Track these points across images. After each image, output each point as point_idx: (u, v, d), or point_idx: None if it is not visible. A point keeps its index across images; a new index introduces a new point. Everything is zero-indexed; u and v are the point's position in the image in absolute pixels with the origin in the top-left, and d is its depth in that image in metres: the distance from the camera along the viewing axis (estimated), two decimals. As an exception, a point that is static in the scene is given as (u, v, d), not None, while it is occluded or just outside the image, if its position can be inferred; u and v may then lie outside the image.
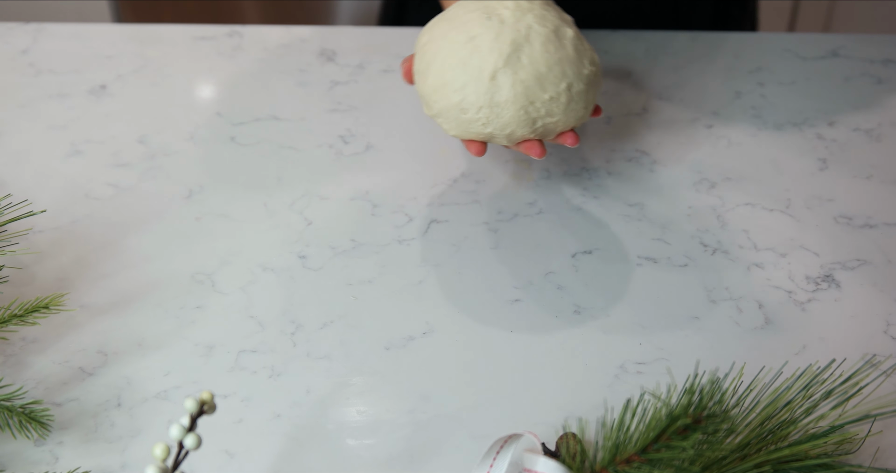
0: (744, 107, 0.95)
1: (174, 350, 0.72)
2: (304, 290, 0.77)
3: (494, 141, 0.75)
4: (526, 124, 0.73)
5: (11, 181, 0.86)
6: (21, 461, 0.65)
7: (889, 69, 1.00)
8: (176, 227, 0.82)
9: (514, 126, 0.73)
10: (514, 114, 0.72)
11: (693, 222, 0.83)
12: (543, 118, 0.73)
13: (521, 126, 0.73)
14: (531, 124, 0.73)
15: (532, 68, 0.72)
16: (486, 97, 0.72)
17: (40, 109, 0.95)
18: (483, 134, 0.74)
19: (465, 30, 0.73)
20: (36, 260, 0.78)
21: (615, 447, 0.58)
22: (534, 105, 0.72)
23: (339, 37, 1.03)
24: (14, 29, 1.05)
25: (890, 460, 0.64)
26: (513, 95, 0.72)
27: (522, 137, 0.74)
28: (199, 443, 0.54)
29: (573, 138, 0.75)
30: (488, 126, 0.73)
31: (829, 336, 0.73)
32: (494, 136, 0.74)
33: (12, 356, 0.71)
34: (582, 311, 0.76)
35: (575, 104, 0.74)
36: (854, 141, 0.91)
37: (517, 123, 0.73)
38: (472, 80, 0.72)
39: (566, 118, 0.74)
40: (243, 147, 0.91)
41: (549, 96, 0.72)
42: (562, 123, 0.74)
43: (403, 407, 0.69)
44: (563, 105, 0.73)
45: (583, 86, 0.74)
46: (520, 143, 0.75)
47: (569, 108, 0.73)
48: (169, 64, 1.01)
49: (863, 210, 0.84)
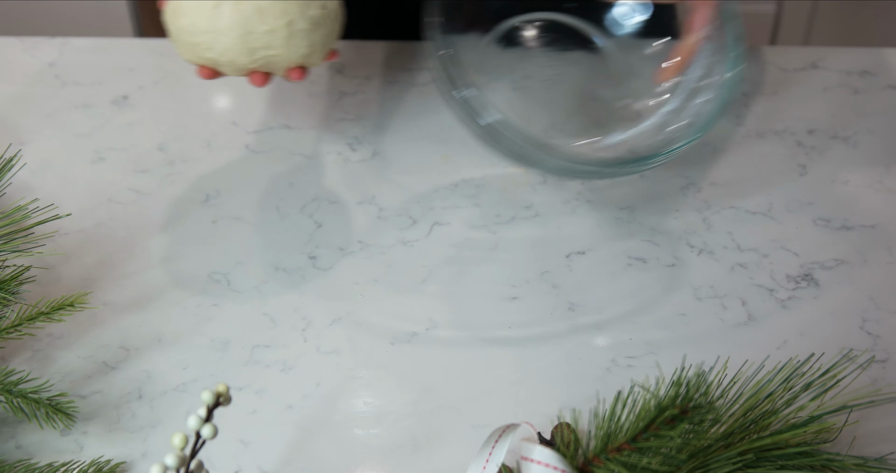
0: (728, 116, 0.95)
1: (192, 345, 0.72)
2: (314, 289, 0.77)
3: (221, 69, 0.76)
4: (245, 53, 0.74)
5: (39, 187, 0.86)
6: (48, 449, 0.65)
7: (865, 80, 1.00)
8: (193, 229, 0.82)
9: (235, 54, 0.74)
10: (233, 41, 0.73)
11: (680, 225, 0.83)
12: (263, 50, 0.74)
13: (241, 54, 0.74)
14: (250, 54, 0.74)
15: (253, 1, 0.73)
16: (209, 23, 0.73)
17: (66, 118, 0.95)
18: (209, 59, 0.75)
19: None
20: (62, 261, 0.79)
21: (607, 436, 0.58)
22: (252, 35, 0.73)
23: (347, 51, 1.03)
24: (41, 43, 1.05)
25: (866, 448, 0.64)
26: (231, 22, 0.73)
27: (245, 67, 0.75)
28: (216, 433, 0.54)
29: (298, 73, 0.76)
30: (211, 51, 0.74)
31: (809, 332, 0.73)
32: (218, 62, 0.75)
33: (39, 351, 0.71)
34: (575, 308, 0.76)
35: (296, 41, 0.74)
36: (832, 148, 0.91)
37: (237, 51, 0.74)
38: (198, 6, 0.73)
39: (288, 53, 0.75)
40: (257, 154, 0.91)
41: (267, 29, 0.73)
42: (284, 57, 0.75)
43: (407, 399, 0.69)
44: (283, 39, 0.74)
45: (305, 25, 0.74)
46: (248, 74, 0.76)
47: (289, 43, 0.74)
48: (187, 76, 1.01)
49: (840, 213, 0.84)
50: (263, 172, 0.89)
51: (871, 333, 0.73)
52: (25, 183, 0.86)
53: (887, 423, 0.66)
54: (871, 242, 0.81)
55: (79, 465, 0.62)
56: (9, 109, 0.96)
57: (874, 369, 0.70)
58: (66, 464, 0.62)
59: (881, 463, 0.60)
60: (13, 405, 0.63)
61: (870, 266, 0.79)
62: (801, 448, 0.60)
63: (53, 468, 0.62)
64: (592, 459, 0.58)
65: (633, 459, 0.57)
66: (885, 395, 0.67)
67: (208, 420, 0.54)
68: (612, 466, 0.57)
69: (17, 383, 0.63)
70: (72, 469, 0.62)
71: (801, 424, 0.60)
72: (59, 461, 0.63)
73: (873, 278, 0.78)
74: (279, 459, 0.64)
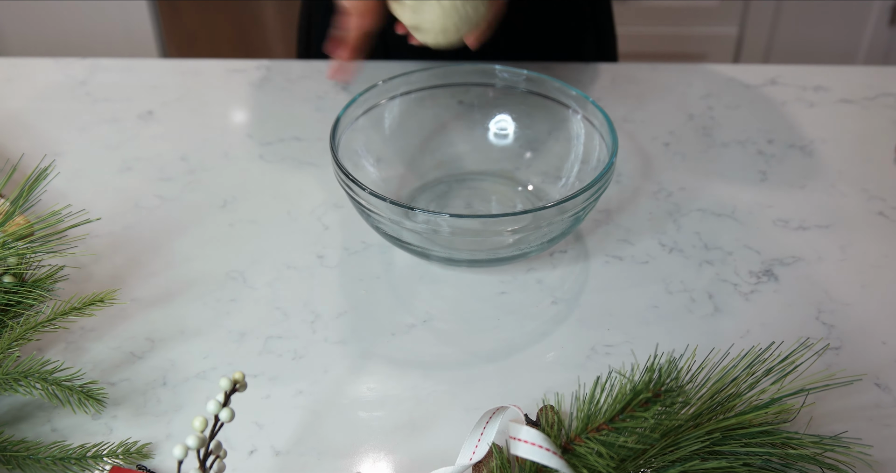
0: (696, 127, 0.95)
1: (211, 337, 0.72)
2: (322, 285, 0.77)
3: None
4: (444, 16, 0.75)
5: (72, 194, 0.86)
6: (80, 432, 0.64)
7: (819, 95, 1.00)
8: (212, 232, 0.82)
9: None
10: None
11: (653, 226, 0.83)
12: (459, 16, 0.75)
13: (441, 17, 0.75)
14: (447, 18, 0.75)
15: None
16: None
17: (96, 131, 0.94)
18: None
19: None
20: (93, 261, 0.78)
21: (587, 417, 0.58)
22: None
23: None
24: (73, 63, 1.05)
25: (822, 427, 0.64)
26: None
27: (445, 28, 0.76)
28: (233, 416, 0.54)
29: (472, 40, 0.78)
30: None
31: (769, 322, 0.73)
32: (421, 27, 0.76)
33: (73, 343, 0.71)
34: (559, 302, 0.76)
35: None
36: (789, 156, 0.91)
37: None
38: None
39: None
40: (270, 163, 0.90)
41: None
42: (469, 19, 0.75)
43: (406, 384, 0.68)
44: None
45: None
46: None
47: None
48: (206, 93, 1.01)
49: (797, 215, 0.84)
50: (275, 180, 0.88)
51: (826, 323, 0.73)
52: (60, 190, 0.86)
53: (841, 404, 0.66)
54: (825, 241, 0.81)
55: (109, 446, 0.62)
56: (44, 124, 0.95)
57: (829, 355, 0.70)
58: (97, 445, 0.62)
59: (836, 441, 0.60)
60: (48, 391, 0.63)
61: (824, 263, 0.79)
62: (762, 427, 0.60)
63: (85, 449, 0.61)
64: (574, 438, 0.58)
65: (610, 438, 0.56)
66: (838, 379, 0.67)
67: (226, 405, 0.54)
68: (592, 444, 0.56)
69: (52, 371, 0.63)
70: (102, 449, 0.61)
71: (762, 406, 0.60)
72: (90, 442, 0.62)
73: (827, 273, 0.78)
74: (291, 439, 0.64)
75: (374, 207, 0.72)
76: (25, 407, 0.66)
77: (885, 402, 0.67)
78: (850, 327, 0.73)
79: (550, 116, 0.85)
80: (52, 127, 0.95)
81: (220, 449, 0.54)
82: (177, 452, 0.52)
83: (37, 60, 1.05)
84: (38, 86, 1.01)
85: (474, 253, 0.74)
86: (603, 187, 0.73)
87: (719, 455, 0.58)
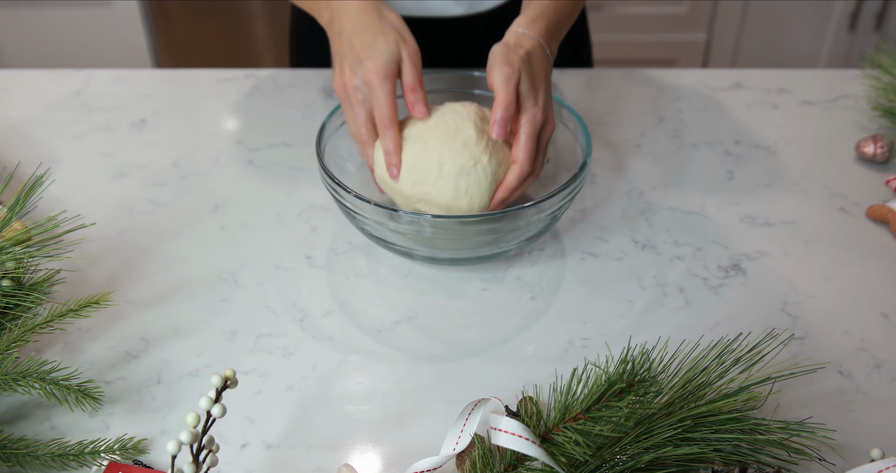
0: (666, 129, 0.96)
1: (204, 336, 0.71)
2: (310, 284, 0.77)
3: (395, 197, 0.75)
4: (408, 185, 0.73)
5: (67, 200, 0.85)
6: (78, 429, 0.64)
7: (783, 97, 1.00)
8: (204, 235, 0.82)
9: (402, 184, 0.73)
10: (403, 173, 0.73)
11: (626, 224, 0.83)
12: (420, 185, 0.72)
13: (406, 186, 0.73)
14: (412, 187, 0.72)
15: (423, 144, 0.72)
16: None
17: (91, 140, 0.94)
18: (388, 186, 0.75)
19: None
20: (88, 264, 0.78)
21: (564, 407, 0.58)
22: (414, 170, 0.72)
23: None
24: (70, 74, 1.04)
25: (787, 413, 0.65)
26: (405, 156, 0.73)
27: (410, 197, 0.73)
28: (225, 412, 0.53)
29: None
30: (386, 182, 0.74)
31: (737, 314, 0.74)
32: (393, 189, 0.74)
33: (70, 344, 0.71)
34: (537, 297, 0.76)
35: (443, 182, 0.72)
36: (755, 156, 0.92)
37: (403, 181, 0.73)
38: None
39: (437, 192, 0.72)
40: (259, 168, 0.90)
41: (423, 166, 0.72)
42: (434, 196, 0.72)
43: (392, 378, 0.68)
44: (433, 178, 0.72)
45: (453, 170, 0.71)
46: None
47: (437, 183, 0.72)
48: (198, 101, 1.00)
49: (763, 211, 0.84)
50: (265, 184, 0.88)
51: (791, 314, 0.73)
52: (56, 197, 0.85)
53: (806, 392, 0.66)
54: (789, 236, 0.82)
55: (106, 442, 0.61)
56: (40, 132, 0.95)
57: (794, 345, 0.70)
58: (94, 442, 0.61)
59: (801, 427, 0.61)
60: (47, 391, 0.62)
61: (789, 257, 0.79)
62: (732, 414, 0.60)
63: (83, 445, 0.61)
64: (552, 428, 0.58)
65: (587, 427, 0.57)
66: (803, 368, 0.67)
67: (218, 401, 0.53)
68: (569, 433, 0.56)
69: (50, 371, 0.62)
70: (99, 446, 0.61)
71: (731, 394, 0.60)
72: (87, 439, 0.62)
73: (792, 267, 0.78)
74: (281, 433, 0.64)
75: (359, 209, 0.72)
76: (24, 406, 0.65)
77: (848, 389, 0.67)
78: (814, 318, 0.73)
79: None
80: (48, 136, 0.94)
81: (212, 444, 0.54)
82: (170, 447, 0.52)
83: (34, 72, 1.05)
84: (34, 96, 1.00)
85: (456, 252, 0.74)
86: (578, 187, 0.73)
87: (691, 441, 0.58)
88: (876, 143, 0.89)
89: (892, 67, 0.94)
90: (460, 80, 0.85)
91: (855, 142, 0.93)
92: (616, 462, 0.58)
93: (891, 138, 0.92)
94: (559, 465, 0.56)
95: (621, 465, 0.57)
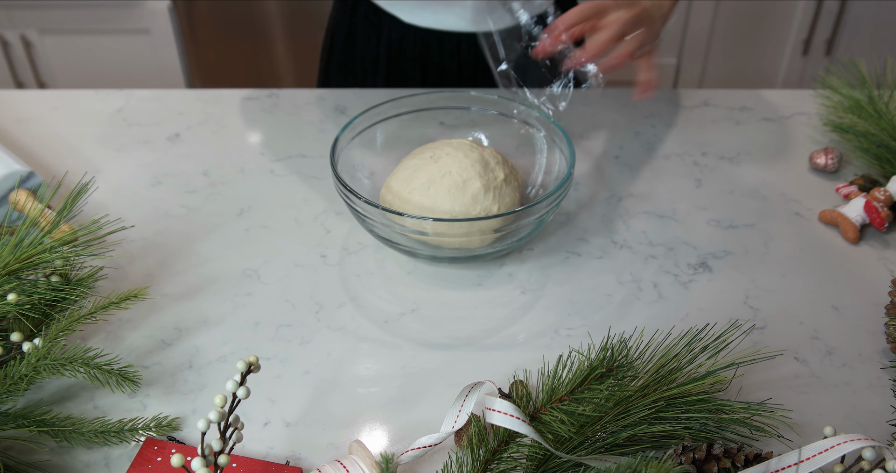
0: (641, 142, 0.95)
1: (230, 326, 0.71)
2: (324, 280, 0.76)
3: None
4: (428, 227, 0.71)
5: (110, 205, 0.85)
6: (119, 409, 0.64)
7: (745, 114, 1.00)
8: (231, 236, 0.81)
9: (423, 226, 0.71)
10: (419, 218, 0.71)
11: (606, 226, 0.83)
12: None
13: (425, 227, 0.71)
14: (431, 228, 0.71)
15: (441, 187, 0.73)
16: None
17: (131, 151, 0.93)
18: None
19: None
20: (128, 262, 0.77)
21: (551, 390, 0.58)
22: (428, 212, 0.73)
23: (348, 96, 1.03)
24: (112, 94, 1.04)
25: (750, 395, 0.64)
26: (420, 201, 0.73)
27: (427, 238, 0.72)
28: (249, 394, 0.53)
29: None
30: None
31: (705, 307, 0.73)
32: None
33: (111, 333, 0.70)
34: (527, 292, 0.75)
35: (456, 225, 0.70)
36: (720, 166, 0.92)
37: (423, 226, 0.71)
38: None
39: (450, 232, 0.71)
40: (280, 177, 0.90)
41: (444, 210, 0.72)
42: (448, 236, 0.71)
43: (398, 364, 0.68)
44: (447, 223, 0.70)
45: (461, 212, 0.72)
46: None
47: (451, 224, 0.70)
48: (225, 118, 1.00)
49: (727, 215, 0.84)
50: (284, 191, 0.88)
51: (752, 307, 0.73)
52: (99, 202, 0.85)
53: (766, 376, 0.66)
54: (750, 237, 0.81)
55: (143, 420, 0.61)
56: (86, 145, 0.94)
57: (755, 334, 0.70)
58: (133, 420, 0.61)
59: (762, 407, 0.60)
60: (91, 374, 0.62)
61: (750, 256, 0.79)
62: (700, 396, 0.59)
63: (123, 423, 0.61)
64: (541, 408, 0.58)
65: (571, 407, 0.56)
66: (763, 354, 0.67)
67: (242, 384, 0.53)
68: (555, 413, 0.56)
69: (94, 357, 0.62)
70: (137, 423, 0.61)
71: (699, 378, 0.60)
72: (127, 417, 0.62)
73: (753, 265, 0.78)
74: (299, 412, 0.64)
75: (368, 213, 0.71)
76: (71, 388, 0.65)
77: (803, 373, 0.67)
78: (773, 310, 0.73)
79: (518, 134, 0.84)
80: (92, 148, 0.94)
81: (238, 422, 0.54)
82: (200, 425, 0.52)
83: (81, 92, 1.04)
84: (81, 113, 1.00)
85: (455, 251, 0.73)
86: (563, 193, 0.73)
87: (663, 420, 0.58)
88: (827, 154, 0.89)
89: (841, 87, 0.94)
90: (476, 100, 0.85)
91: (808, 154, 0.92)
92: (597, 439, 0.57)
93: (840, 151, 0.92)
94: (546, 441, 0.56)
95: (601, 441, 0.57)
